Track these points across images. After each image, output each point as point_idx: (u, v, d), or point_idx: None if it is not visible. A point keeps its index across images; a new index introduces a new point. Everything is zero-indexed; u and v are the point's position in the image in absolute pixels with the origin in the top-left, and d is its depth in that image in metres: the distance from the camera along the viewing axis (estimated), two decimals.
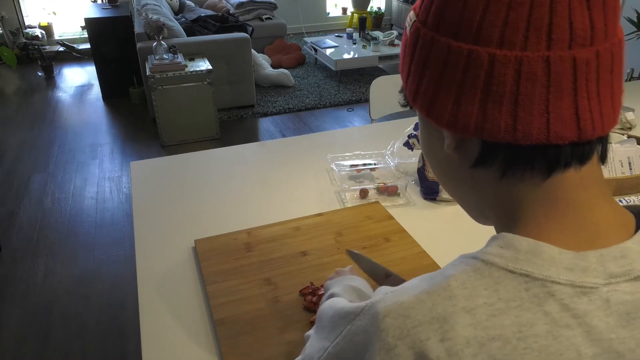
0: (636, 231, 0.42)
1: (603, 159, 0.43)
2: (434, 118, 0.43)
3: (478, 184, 0.45)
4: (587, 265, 0.39)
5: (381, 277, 0.99)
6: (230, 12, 5.27)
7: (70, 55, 5.51)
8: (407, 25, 0.47)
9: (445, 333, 0.37)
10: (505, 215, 0.44)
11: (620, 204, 0.45)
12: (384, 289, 0.44)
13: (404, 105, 0.49)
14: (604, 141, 0.43)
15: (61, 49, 5.46)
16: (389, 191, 1.32)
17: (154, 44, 3.45)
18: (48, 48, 5.50)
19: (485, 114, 0.39)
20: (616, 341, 0.37)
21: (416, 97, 0.44)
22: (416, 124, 1.37)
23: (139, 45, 3.70)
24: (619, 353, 0.37)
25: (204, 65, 3.57)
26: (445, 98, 0.41)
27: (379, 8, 6.98)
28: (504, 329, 0.37)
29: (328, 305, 0.52)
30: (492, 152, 0.42)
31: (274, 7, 5.51)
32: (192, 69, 3.48)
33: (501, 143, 0.40)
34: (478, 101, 0.39)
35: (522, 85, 0.38)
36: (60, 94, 4.68)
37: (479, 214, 0.50)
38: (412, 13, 0.46)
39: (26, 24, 5.65)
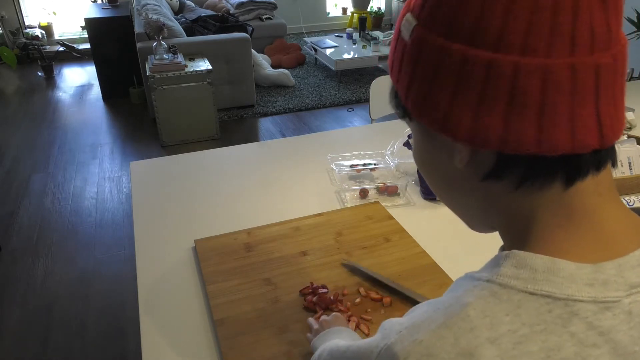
0: None
1: (614, 162, 0.42)
2: (449, 132, 0.40)
3: (488, 196, 0.43)
4: (606, 278, 0.37)
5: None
6: (230, 12, 5.27)
7: (70, 55, 5.51)
8: (402, 29, 0.43)
9: None
10: (516, 227, 0.42)
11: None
12: (394, 325, 0.41)
13: (402, 117, 0.46)
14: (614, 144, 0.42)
15: (61, 49, 5.46)
16: (389, 191, 1.32)
17: (154, 44, 3.45)
18: (48, 48, 5.50)
19: (508, 127, 0.37)
20: None
21: (423, 111, 0.41)
22: None
23: (139, 45, 3.70)
24: None
25: (204, 65, 3.57)
26: (461, 111, 0.38)
27: (379, 8, 6.98)
28: (532, 355, 0.35)
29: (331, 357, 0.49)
30: (508, 164, 0.40)
31: (274, 7, 5.51)
32: (192, 69, 3.48)
33: (521, 155, 0.38)
34: (501, 113, 0.37)
35: (547, 95, 0.36)
36: (60, 94, 4.68)
37: (482, 224, 0.48)
38: (409, 16, 0.42)
39: (26, 24, 5.65)
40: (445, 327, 0.37)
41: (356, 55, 4.79)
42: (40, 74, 5.15)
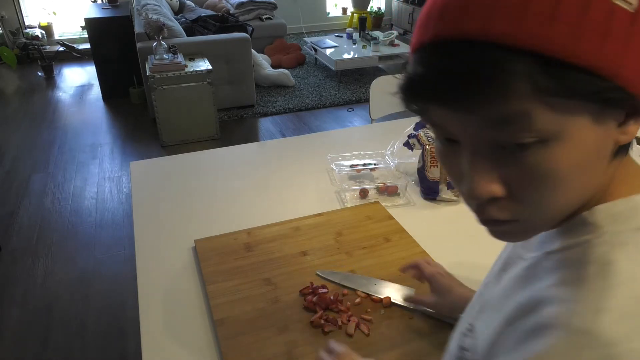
0: None
1: None
2: None
3: (597, 174, 0.41)
4: None
5: (364, 283, 0.99)
6: (230, 12, 5.27)
7: (70, 55, 5.51)
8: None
9: None
10: (595, 192, 0.42)
11: None
12: (560, 318, 0.37)
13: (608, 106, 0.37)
14: None
15: (61, 49, 5.46)
16: (389, 191, 1.32)
17: (154, 44, 3.45)
18: (48, 48, 5.50)
19: None
20: None
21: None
22: (416, 124, 1.37)
23: (139, 45, 3.70)
24: None
25: (204, 65, 3.57)
26: None
27: (379, 8, 6.98)
28: None
29: None
30: None
31: (274, 7, 5.51)
32: (192, 69, 3.48)
33: None
34: None
35: None
36: (60, 94, 4.68)
37: (558, 216, 0.43)
38: None
39: (26, 24, 5.65)
40: (614, 288, 0.37)
41: (356, 55, 4.79)
42: (40, 74, 5.15)
